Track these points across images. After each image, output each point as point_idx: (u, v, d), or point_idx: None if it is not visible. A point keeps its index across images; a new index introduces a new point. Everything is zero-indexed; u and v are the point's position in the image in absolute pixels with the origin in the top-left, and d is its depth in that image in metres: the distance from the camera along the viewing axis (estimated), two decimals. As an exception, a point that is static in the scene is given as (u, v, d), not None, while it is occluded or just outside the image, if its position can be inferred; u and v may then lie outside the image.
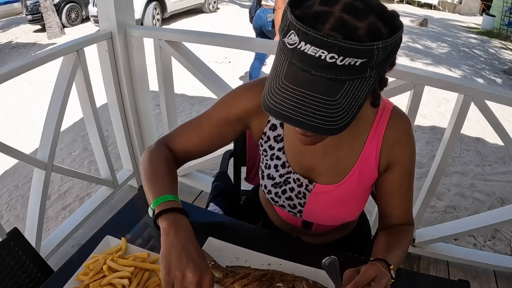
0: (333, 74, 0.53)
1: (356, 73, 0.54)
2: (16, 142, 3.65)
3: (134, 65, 1.92)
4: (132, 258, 0.80)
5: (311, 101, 0.54)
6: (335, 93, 0.54)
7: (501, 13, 9.91)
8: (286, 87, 0.55)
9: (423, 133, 3.75)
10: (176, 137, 0.88)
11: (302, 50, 0.53)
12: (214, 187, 1.24)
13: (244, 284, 0.71)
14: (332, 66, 0.52)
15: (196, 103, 4.37)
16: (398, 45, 0.57)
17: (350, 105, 0.55)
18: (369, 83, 0.56)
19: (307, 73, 0.54)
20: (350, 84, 0.54)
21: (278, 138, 0.86)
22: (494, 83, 6.07)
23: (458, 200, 2.65)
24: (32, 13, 8.72)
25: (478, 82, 5.66)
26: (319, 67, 0.53)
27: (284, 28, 0.55)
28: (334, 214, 0.89)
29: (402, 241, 0.82)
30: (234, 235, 0.91)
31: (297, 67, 0.55)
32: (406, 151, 0.81)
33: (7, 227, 2.02)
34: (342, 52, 0.51)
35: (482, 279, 1.79)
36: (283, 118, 0.55)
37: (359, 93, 0.55)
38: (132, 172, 2.29)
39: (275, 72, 0.58)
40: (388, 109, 0.80)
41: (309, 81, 0.54)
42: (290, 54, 0.55)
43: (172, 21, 9.13)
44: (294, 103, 0.54)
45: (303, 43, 0.52)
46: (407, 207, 0.87)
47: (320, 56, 0.52)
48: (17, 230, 0.92)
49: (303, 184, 0.87)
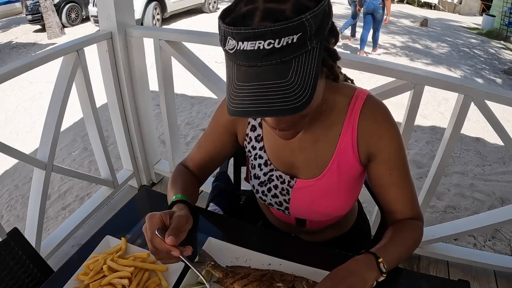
0: (277, 58, 0.55)
1: (297, 49, 0.55)
2: (16, 142, 3.65)
3: (134, 65, 1.92)
4: (132, 258, 0.80)
5: (266, 89, 0.56)
6: (285, 74, 0.56)
7: (501, 13, 9.91)
8: (241, 87, 0.58)
9: (423, 133, 3.75)
10: (188, 156, 1.00)
11: (242, 49, 0.55)
12: (214, 187, 1.24)
13: (244, 284, 0.71)
14: (273, 51, 0.54)
15: (196, 103, 4.37)
16: (328, 13, 0.60)
17: (304, 81, 0.57)
18: (315, 54, 0.58)
19: (255, 67, 0.57)
20: (297, 61, 0.56)
21: (258, 138, 0.89)
22: (494, 83, 6.07)
23: (458, 200, 2.65)
24: (32, 13, 8.73)
25: (478, 82, 5.66)
26: (262, 57, 0.55)
27: (222, 39, 0.59)
28: (319, 209, 0.88)
29: (404, 236, 0.80)
30: (234, 235, 0.91)
31: (244, 66, 0.57)
32: (385, 139, 0.78)
33: (7, 227, 2.01)
34: (276, 35, 0.53)
35: (482, 279, 1.79)
36: (248, 114, 0.58)
37: (309, 66, 0.57)
38: (132, 172, 2.29)
39: (229, 81, 0.61)
40: (362, 98, 0.79)
41: (258, 73, 0.56)
42: (234, 58, 0.58)
43: (172, 21, 9.14)
44: (252, 97, 0.56)
45: (240, 43, 0.55)
46: (408, 200, 0.84)
47: (259, 47, 0.54)
48: (17, 230, 0.92)
49: (286, 181, 0.88)
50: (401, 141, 0.81)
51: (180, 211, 0.77)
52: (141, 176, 2.35)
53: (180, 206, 0.80)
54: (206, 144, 0.95)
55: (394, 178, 0.81)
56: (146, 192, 1.11)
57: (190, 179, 0.95)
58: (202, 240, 0.84)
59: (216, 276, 0.76)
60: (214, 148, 0.95)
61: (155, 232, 0.69)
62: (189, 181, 0.93)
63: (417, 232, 0.83)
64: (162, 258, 0.71)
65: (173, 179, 0.92)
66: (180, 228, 0.72)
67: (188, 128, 3.76)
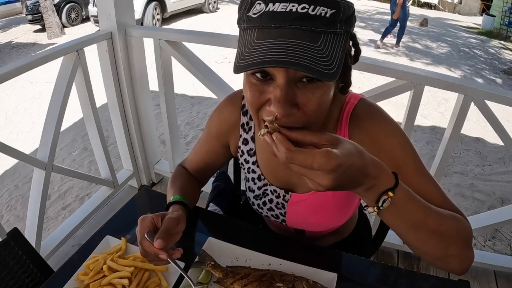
0: (308, 25, 0.53)
1: (328, 26, 0.54)
2: (16, 142, 3.65)
3: (134, 65, 1.92)
4: (132, 258, 0.80)
5: (295, 45, 0.51)
6: (316, 40, 0.53)
7: (501, 13, 9.92)
8: (260, 43, 0.53)
9: (423, 133, 3.75)
10: (187, 159, 1.00)
11: (271, 11, 0.53)
12: (214, 187, 1.24)
13: (244, 284, 0.71)
14: (305, 16, 0.52)
15: (196, 103, 4.37)
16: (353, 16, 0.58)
17: (333, 54, 0.53)
18: (342, 41, 0.56)
19: (281, 28, 0.53)
20: (326, 37, 0.54)
21: (250, 152, 0.87)
22: (494, 83, 6.07)
23: (458, 200, 2.65)
24: (32, 13, 8.72)
25: (478, 82, 5.65)
26: (292, 19, 0.52)
27: (247, 5, 0.56)
28: (316, 221, 0.87)
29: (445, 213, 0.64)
30: (234, 235, 0.91)
31: (268, 27, 0.54)
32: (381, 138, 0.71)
33: (7, 227, 2.02)
34: (312, 1, 0.52)
35: (482, 279, 1.79)
36: (268, 62, 0.50)
37: (337, 47, 0.55)
38: (132, 172, 2.29)
39: (241, 47, 0.56)
40: (352, 104, 0.74)
41: (285, 33, 0.53)
42: (258, 22, 0.54)
43: (172, 21, 9.13)
44: (276, 49, 0.51)
45: (270, 4, 0.53)
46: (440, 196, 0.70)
47: (291, 9, 0.52)
48: (17, 230, 0.92)
49: (280, 195, 0.87)
50: (402, 135, 0.72)
51: (173, 213, 0.76)
52: (141, 176, 2.35)
53: (176, 208, 0.80)
54: (201, 152, 0.95)
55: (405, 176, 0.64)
56: (146, 192, 1.11)
57: (189, 180, 0.95)
58: (202, 240, 0.84)
59: (216, 276, 0.76)
60: (209, 157, 0.95)
61: (144, 235, 0.69)
62: (188, 182, 0.93)
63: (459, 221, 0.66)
64: (152, 260, 0.71)
65: (172, 180, 0.92)
66: (170, 230, 0.70)
67: (188, 128, 3.76)
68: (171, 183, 0.91)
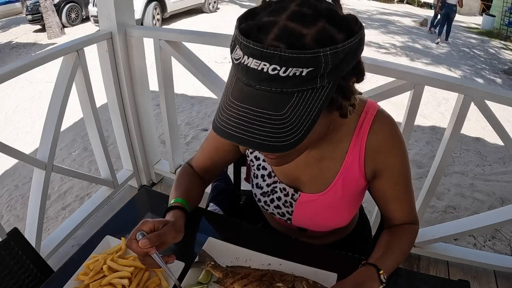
0: (277, 87, 0.50)
1: (303, 84, 0.50)
2: (16, 142, 3.66)
3: (134, 65, 1.92)
4: (132, 258, 0.80)
5: (255, 116, 0.50)
6: (281, 107, 0.50)
7: (501, 13, 9.93)
8: (231, 104, 0.53)
9: (423, 133, 3.75)
10: (194, 158, 0.98)
11: (245, 65, 0.50)
12: (214, 187, 1.24)
13: (244, 284, 0.71)
14: (276, 78, 0.49)
15: (196, 103, 4.37)
16: (355, 51, 0.53)
17: (300, 120, 0.51)
18: (322, 95, 0.52)
19: (252, 88, 0.52)
20: (299, 96, 0.51)
21: None
22: (494, 83, 6.08)
23: (458, 200, 2.65)
24: (32, 13, 8.73)
25: (478, 82, 5.65)
26: (262, 80, 0.50)
27: (232, 44, 0.54)
28: (322, 222, 0.88)
29: (402, 243, 0.82)
30: (234, 235, 0.91)
31: (242, 82, 0.53)
32: (393, 157, 0.78)
33: (7, 227, 2.01)
34: (284, 62, 0.48)
35: (482, 279, 1.79)
36: (227, 136, 0.52)
37: (311, 105, 0.51)
38: (132, 172, 2.29)
39: (225, 90, 0.56)
40: (371, 114, 0.75)
41: (253, 96, 0.51)
42: (236, 69, 0.53)
43: (172, 21, 9.14)
44: (237, 120, 0.51)
45: (246, 57, 0.50)
46: (408, 208, 0.85)
47: (263, 68, 0.49)
48: (17, 230, 0.92)
49: (289, 194, 0.87)
50: (407, 157, 0.81)
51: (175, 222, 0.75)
52: (141, 176, 2.35)
53: (177, 214, 0.78)
54: (208, 150, 0.94)
55: (396, 192, 0.82)
56: (146, 192, 1.11)
57: (194, 180, 0.94)
58: (202, 240, 0.84)
59: (216, 276, 0.76)
60: (216, 155, 0.93)
61: (135, 235, 0.69)
62: (193, 183, 0.93)
63: (413, 236, 0.86)
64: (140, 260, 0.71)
65: (178, 179, 0.92)
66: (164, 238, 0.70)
67: (188, 128, 3.76)
68: (177, 182, 0.90)
